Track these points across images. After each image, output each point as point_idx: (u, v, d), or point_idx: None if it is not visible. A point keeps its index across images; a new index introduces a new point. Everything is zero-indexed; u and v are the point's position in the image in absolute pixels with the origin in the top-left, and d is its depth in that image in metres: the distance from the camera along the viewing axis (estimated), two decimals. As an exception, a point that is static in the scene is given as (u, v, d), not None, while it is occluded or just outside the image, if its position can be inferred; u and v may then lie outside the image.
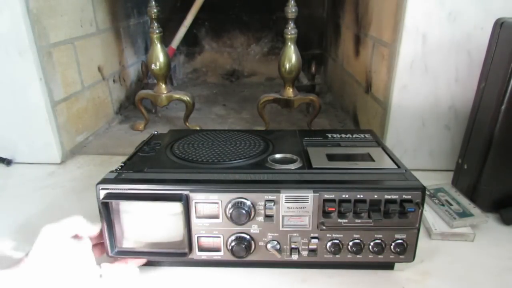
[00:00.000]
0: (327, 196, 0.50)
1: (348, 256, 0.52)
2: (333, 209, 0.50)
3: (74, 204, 0.74)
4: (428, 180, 0.70)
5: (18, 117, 0.87)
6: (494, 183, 0.68)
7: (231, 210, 0.49)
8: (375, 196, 0.49)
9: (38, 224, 0.68)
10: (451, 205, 0.69)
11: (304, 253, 0.52)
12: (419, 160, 0.85)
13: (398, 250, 0.51)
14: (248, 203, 0.50)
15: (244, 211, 0.49)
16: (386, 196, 0.49)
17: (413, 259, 0.53)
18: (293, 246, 0.52)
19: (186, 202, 0.50)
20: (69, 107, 0.97)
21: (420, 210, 0.49)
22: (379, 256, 0.52)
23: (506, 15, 0.66)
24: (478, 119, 0.70)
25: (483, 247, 0.61)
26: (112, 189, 0.51)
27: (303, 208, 0.50)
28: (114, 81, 1.25)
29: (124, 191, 0.51)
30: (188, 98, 1.09)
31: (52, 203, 0.75)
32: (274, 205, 0.50)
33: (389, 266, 0.56)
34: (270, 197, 0.50)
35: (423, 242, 0.62)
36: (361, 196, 0.50)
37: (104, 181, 0.52)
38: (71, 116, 0.98)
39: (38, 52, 0.84)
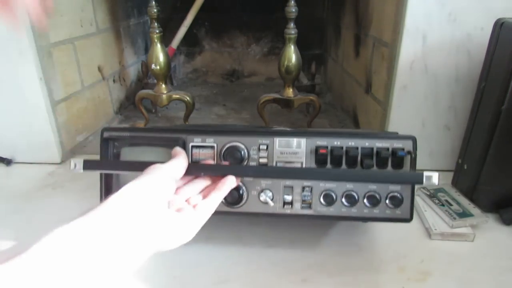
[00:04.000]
0: (320, 142, 0.51)
1: (342, 209, 0.52)
2: (325, 151, 0.51)
3: (74, 204, 0.74)
4: (428, 180, 0.70)
5: (18, 117, 0.87)
6: (494, 183, 0.68)
7: (226, 153, 0.51)
8: (367, 144, 0.51)
9: (38, 224, 0.68)
10: (451, 205, 0.69)
11: (297, 206, 0.53)
12: (419, 160, 0.84)
13: (393, 202, 0.51)
14: (243, 147, 0.52)
15: (238, 154, 0.51)
16: (378, 144, 0.51)
17: (411, 217, 0.52)
18: (286, 198, 0.53)
19: (183, 145, 0.52)
20: (69, 107, 0.97)
21: (412, 159, 0.51)
22: (375, 211, 0.52)
23: (506, 15, 0.66)
24: (478, 119, 0.70)
25: (483, 247, 0.61)
26: (115, 133, 0.54)
27: (296, 154, 0.51)
28: (114, 81, 1.25)
29: (125, 134, 0.54)
30: (188, 98, 1.09)
31: (52, 203, 0.75)
32: (267, 148, 0.51)
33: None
34: (264, 141, 0.52)
35: (423, 242, 0.62)
36: (353, 143, 0.51)
37: (109, 127, 0.56)
38: (71, 116, 0.98)
39: (38, 52, 0.84)
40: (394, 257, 0.59)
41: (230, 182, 0.46)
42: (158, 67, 1.05)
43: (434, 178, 0.44)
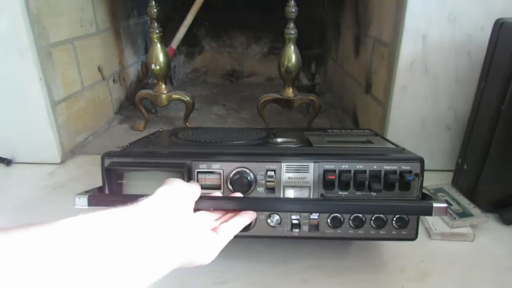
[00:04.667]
0: (327, 166, 0.50)
1: (350, 231, 0.51)
2: (333, 177, 0.50)
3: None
4: (428, 180, 0.70)
5: (18, 117, 0.87)
6: (494, 183, 0.68)
7: (233, 179, 0.50)
8: (375, 167, 0.50)
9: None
10: (451, 205, 0.69)
11: (305, 228, 0.52)
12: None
13: (400, 224, 0.51)
14: (250, 172, 0.50)
15: (246, 180, 0.49)
16: (386, 167, 0.50)
17: (416, 236, 0.52)
18: (294, 221, 0.51)
19: (188, 171, 0.50)
20: (69, 107, 0.97)
21: (419, 181, 0.50)
22: (381, 232, 0.51)
23: (506, 15, 0.66)
24: (478, 119, 0.70)
25: (483, 247, 0.61)
26: (117, 160, 0.52)
27: (303, 178, 0.50)
28: (114, 81, 1.25)
29: (128, 161, 0.52)
30: (188, 98, 1.09)
31: (52, 203, 0.75)
32: (275, 174, 0.50)
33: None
34: (271, 167, 0.50)
35: (423, 242, 0.62)
36: (361, 166, 0.50)
37: (110, 152, 0.52)
38: (71, 116, 0.98)
39: (38, 52, 0.84)
40: (394, 257, 0.59)
41: (252, 215, 0.46)
42: (158, 67, 1.05)
43: (443, 209, 0.43)
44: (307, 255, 0.59)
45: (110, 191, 0.52)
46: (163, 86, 1.09)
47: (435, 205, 0.42)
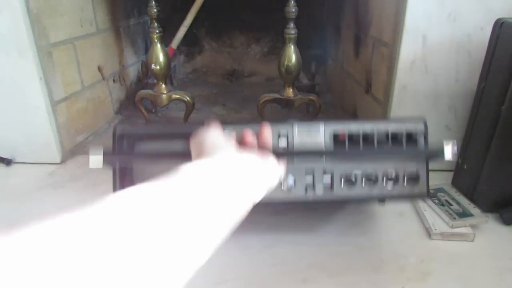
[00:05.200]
0: (337, 127, 0.54)
1: (363, 191, 0.55)
2: (343, 137, 0.54)
3: (75, 204, 0.74)
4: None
5: (18, 117, 0.87)
6: (494, 183, 0.68)
7: None
8: (381, 127, 0.54)
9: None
10: (451, 205, 0.69)
11: (319, 189, 0.54)
12: (419, 160, 0.85)
13: (411, 180, 0.54)
14: None
15: None
16: (392, 127, 0.54)
17: (428, 193, 0.56)
18: (307, 181, 0.54)
19: None
20: (69, 107, 0.97)
21: (425, 140, 0.55)
22: (394, 190, 0.55)
23: (506, 15, 0.66)
24: (478, 119, 0.70)
25: (483, 247, 0.61)
26: (129, 129, 0.55)
27: (315, 141, 0.54)
28: (114, 81, 1.25)
29: (140, 131, 0.55)
30: (188, 98, 1.09)
31: (52, 203, 0.75)
32: (287, 136, 0.54)
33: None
34: (283, 131, 0.54)
35: (423, 242, 0.62)
36: (369, 127, 0.54)
37: (122, 123, 0.55)
38: (71, 116, 0.98)
39: (38, 52, 0.84)
40: (394, 257, 0.59)
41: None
42: (158, 67, 1.05)
43: (452, 149, 0.45)
44: (307, 254, 0.59)
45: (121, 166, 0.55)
46: (163, 86, 1.09)
47: (445, 146, 0.46)
